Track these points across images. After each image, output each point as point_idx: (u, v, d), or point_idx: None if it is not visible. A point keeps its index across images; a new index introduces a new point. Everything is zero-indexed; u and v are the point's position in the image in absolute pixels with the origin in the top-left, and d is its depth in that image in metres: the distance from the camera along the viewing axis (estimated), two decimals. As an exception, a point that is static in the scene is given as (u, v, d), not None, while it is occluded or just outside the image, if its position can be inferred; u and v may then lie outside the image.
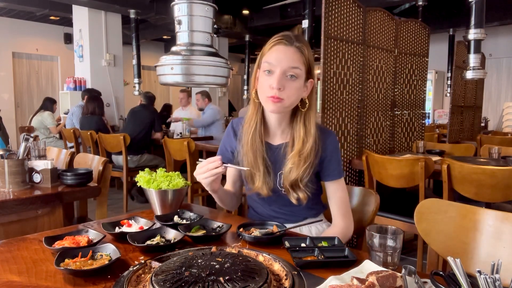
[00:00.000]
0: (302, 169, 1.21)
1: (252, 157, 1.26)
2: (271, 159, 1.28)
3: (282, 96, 1.16)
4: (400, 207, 2.43)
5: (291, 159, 1.23)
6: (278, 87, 1.15)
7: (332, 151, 1.29)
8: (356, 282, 0.79)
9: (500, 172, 2.02)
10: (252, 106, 1.29)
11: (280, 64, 1.16)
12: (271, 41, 1.20)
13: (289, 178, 1.23)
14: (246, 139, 1.28)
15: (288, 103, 1.19)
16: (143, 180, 1.33)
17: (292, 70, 1.16)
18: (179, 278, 0.80)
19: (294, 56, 1.17)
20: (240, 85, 11.66)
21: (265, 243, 1.08)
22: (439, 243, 1.21)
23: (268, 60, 1.18)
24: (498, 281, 0.70)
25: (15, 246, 1.06)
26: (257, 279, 0.80)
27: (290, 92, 1.17)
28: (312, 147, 1.22)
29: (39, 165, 1.82)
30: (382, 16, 3.02)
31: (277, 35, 1.21)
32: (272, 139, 1.32)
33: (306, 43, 1.21)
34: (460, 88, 4.15)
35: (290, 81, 1.17)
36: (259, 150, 1.26)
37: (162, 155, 4.26)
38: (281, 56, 1.17)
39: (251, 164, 1.26)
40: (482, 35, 2.96)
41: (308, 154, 1.22)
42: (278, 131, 1.30)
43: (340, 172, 1.31)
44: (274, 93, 1.16)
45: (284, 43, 1.18)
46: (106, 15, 6.07)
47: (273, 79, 1.16)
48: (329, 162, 1.28)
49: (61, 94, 6.44)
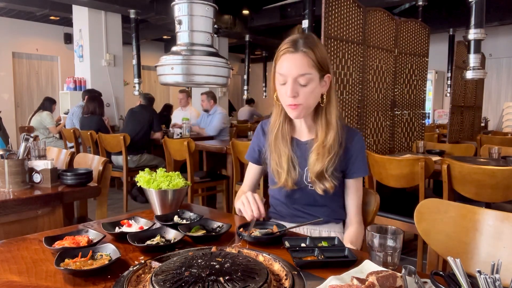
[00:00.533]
0: (326, 160, 1.26)
1: (276, 156, 1.33)
2: (298, 155, 1.33)
3: (298, 102, 1.22)
4: (400, 207, 2.43)
5: (315, 151, 1.28)
6: (292, 95, 1.20)
7: (358, 150, 1.34)
8: (356, 282, 0.79)
9: (500, 172, 2.02)
10: (275, 108, 1.34)
11: (290, 73, 1.20)
12: (280, 49, 1.23)
13: (315, 170, 1.27)
14: (271, 139, 1.35)
15: (306, 107, 1.24)
16: (143, 180, 1.33)
17: (303, 77, 1.20)
18: (179, 278, 0.80)
19: (302, 62, 1.20)
20: (240, 85, 11.66)
21: (265, 243, 1.08)
22: (439, 243, 1.21)
23: (279, 71, 1.23)
24: (498, 281, 0.70)
25: (15, 246, 1.06)
26: (257, 279, 0.80)
27: (305, 97, 1.22)
28: (334, 138, 1.27)
29: (39, 165, 1.82)
30: (382, 16, 3.02)
31: (285, 42, 1.24)
32: (300, 135, 1.37)
33: (313, 43, 1.22)
34: (460, 88, 4.15)
35: (303, 87, 1.21)
36: (283, 148, 1.32)
37: (162, 155, 4.25)
38: (290, 65, 1.20)
39: (275, 162, 1.33)
40: (482, 35, 2.96)
41: (331, 145, 1.26)
42: (305, 128, 1.35)
43: (366, 169, 1.36)
44: (290, 101, 1.22)
45: (290, 51, 1.21)
46: (106, 15, 6.06)
47: (286, 88, 1.21)
48: (356, 159, 1.33)
49: (61, 94, 6.44)
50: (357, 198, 1.37)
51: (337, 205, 1.39)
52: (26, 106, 8.12)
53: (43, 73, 8.42)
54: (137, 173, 1.39)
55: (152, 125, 4.56)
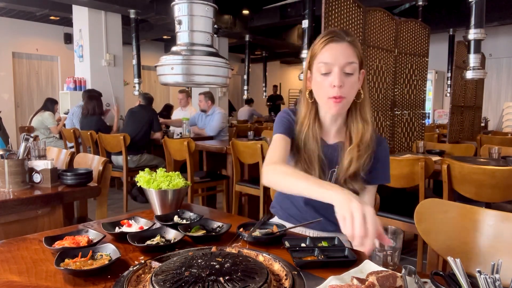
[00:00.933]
0: (362, 160, 1.23)
1: (307, 157, 1.26)
2: (326, 157, 1.28)
3: (343, 94, 1.17)
4: (400, 207, 2.43)
5: (350, 153, 1.23)
6: (340, 84, 1.15)
7: (385, 156, 1.32)
8: (356, 282, 0.79)
9: (500, 172, 2.02)
10: (304, 107, 1.28)
11: (337, 61, 1.16)
12: (322, 41, 1.19)
13: (349, 172, 1.23)
14: (300, 140, 1.28)
15: (348, 100, 1.21)
16: (143, 180, 1.33)
17: (349, 66, 1.16)
18: (179, 278, 0.80)
19: (349, 51, 1.17)
20: (240, 85, 11.66)
21: (265, 243, 1.08)
22: (439, 243, 1.21)
23: (323, 60, 1.18)
24: (498, 281, 0.70)
25: (15, 246, 1.06)
26: (257, 279, 0.80)
27: (349, 88, 1.18)
28: (371, 136, 1.24)
29: (39, 165, 1.82)
30: (382, 16, 3.02)
31: (325, 34, 1.20)
32: (327, 137, 1.31)
33: (354, 37, 1.21)
34: (460, 88, 4.15)
35: (348, 77, 1.17)
36: (313, 150, 1.25)
37: (162, 155, 4.25)
38: (337, 53, 1.17)
39: (306, 163, 1.26)
40: (482, 35, 2.96)
41: (368, 144, 1.23)
42: (333, 129, 1.30)
43: (388, 177, 1.34)
44: (336, 92, 1.16)
45: (336, 39, 1.18)
46: (106, 15, 6.06)
47: (332, 77, 1.16)
48: (382, 166, 1.30)
49: (61, 94, 6.43)
50: (372, 203, 1.35)
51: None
52: (26, 106, 8.12)
53: (43, 73, 8.41)
54: (137, 173, 1.39)
55: (152, 125, 4.56)
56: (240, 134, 5.54)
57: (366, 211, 0.86)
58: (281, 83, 12.95)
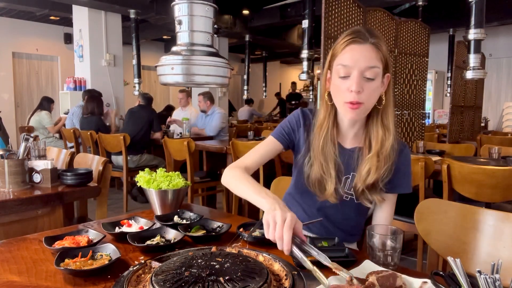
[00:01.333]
0: (383, 169, 1.14)
1: (324, 161, 1.19)
2: (344, 162, 1.21)
3: (361, 100, 1.08)
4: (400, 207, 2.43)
5: (369, 161, 1.15)
6: (358, 89, 1.07)
7: (406, 164, 1.23)
8: (356, 282, 0.79)
9: (500, 172, 2.02)
10: (323, 109, 1.21)
11: (358, 64, 1.07)
12: (343, 41, 1.11)
13: (367, 181, 1.15)
14: (317, 143, 1.20)
15: (367, 106, 1.12)
16: (143, 180, 1.33)
17: (370, 70, 1.07)
18: (179, 278, 0.80)
19: (371, 54, 1.08)
20: (240, 85, 11.66)
21: (265, 243, 1.08)
22: (439, 243, 1.21)
23: (342, 62, 1.10)
24: (498, 281, 0.70)
25: (15, 246, 1.06)
26: (257, 279, 0.80)
27: (369, 94, 1.09)
28: (392, 144, 1.15)
29: (39, 165, 1.82)
30: (382, 16, 3.02)
31: (348, 33, 1.12)
32: (344, 141, 1.24)
33: (381, 37, 1.12)
34: (460, 88, 4.15)
35: (368, 82, 1.08)
36: (331, 154, 1.19)
37: (162, 155, 4.25)
38: (357, 56, 1.08)
39: (321, 169, 1.19)
40: (482, 35, 2.96)
41: (388, 154, 1.15)
42: (351, 133, 1.23)
43: (410, 186, 1.25)
44: (353, 97, 1.08)
45: (358, 41, 1.09)
46: (106, 15, 6.06)
47: (351, 81, 1.08)
48: (404, 175, 1.22)
49: (61, 94, 6.43)
50: (391, 213, 1.26)
51: (361, 221, 1.32)
52: (26, 106, 8.12)
53: (43, 73, 8.42)
54: (137, 173, 1.39)
55: (152, 125, 4.56)
56: (240, 134, 5.54)
57: (287, 217, 0.90)
58: (281, 83, 12.95)
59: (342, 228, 1.29)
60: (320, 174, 1.20)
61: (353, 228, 1.32)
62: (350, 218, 1.27)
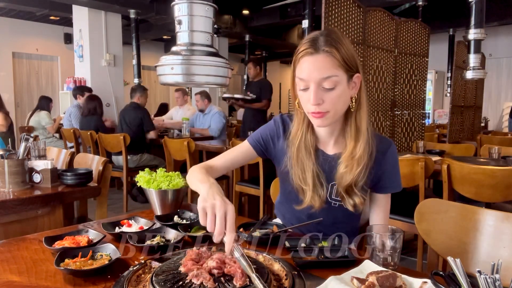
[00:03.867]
0: (356, 172, 1.11)
1: (299, 171, 1.17)
2: (324, 168, 1.18)
3: (324, 110, 1.06)
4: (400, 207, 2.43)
5: (344, 162, 1.13)
6: (316, 102, 1.04)
7: (393, 163, 1.21)
8: (356, 282, 0.79)
9: (500, 172, 2.02)
10: (297, 116, 1.18)
11: (312, 78, 1.04)
12: (299, 51, 1.08)
13: (343, 183, 1.14)
14: (292, 151, 1.18)
15: (333, 113, 1.08)
16: (143, 180, 1.33)
17: (328, 81, 1.03)
18: (179, 278, 0.80)
19: (325, 65, 1.03)
20: (240, 85, 11.66)
21: (265, 243, 1.08)
22: (439, 243, 1.21)
23: (299, 75, 1.07)
24: (498, 281, 0.70)
25: (15, 246, 1.06)
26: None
27: (331, 103, 1.06)
28: (364, 148, 1.12)
29: (39, 165, 1.82)
30: (382, 16, 3.02)
31: (304, 42, 1.07)
32: (326, 147, 1.21)
33: (336, 40, 1.05)
34: (460, 88, 4.15)
35: (328, 92, 1.05)
36: (306, 162, 1.16)
37: (162, 155, 4.25)
38: (311, 68, 1.04)
39: (298, 177, 1.17)
40: (482, 35, 2.96)
41: (361, 156, 1.11)
42: (332, 139, 1.20)
43: (400, 184, 1.24)
44: (314, 109, 1.06)
45: (310, 52, 1.04)
46: (106, 15, 6.06)
47: (308, 94, 1.05)
48: (390, 174, 1.21)
49: (61, 94, 6.44)
50: (386, 212, 1.24)
51: (356, 223, 1.32)
52: (26, 106, 8.12)
53: (43, 73, 8.42)
54: (137, 173, 1.39)
55: (143, 126, 4.46)
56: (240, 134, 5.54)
57: (228, 208, 0.87)
58: (281, 83, 12.95)
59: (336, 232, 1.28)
60: (297, 183, 1.18)
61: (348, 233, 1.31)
62: (342, 224, 1.26)
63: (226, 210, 0.87)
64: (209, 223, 0.86)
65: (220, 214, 0.86)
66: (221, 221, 0.85)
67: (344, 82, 1.06)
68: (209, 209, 0.87)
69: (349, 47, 1.07)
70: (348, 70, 1.06)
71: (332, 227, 1.24)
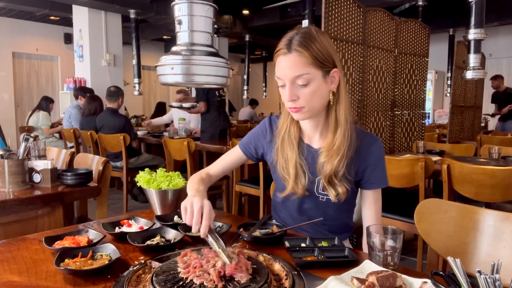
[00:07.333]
0: (335, 162, 1.15)
1: (283, 161, 1.23)
2: (308, 162, 1.22)
3: (299, 105, 1.12)
4: (400, 207, 2.43)
5: (324, 152, 1.18)
6: (291, 99, 1.11)
7: (377, 158, 1.23)
8: (356, 282, 0.79)
9: (500, 172, 2.02)
10: (283, 111, 1.25)
11: (286, 76, 1.11)
12: (276, 51, 1.15)
13: (324, 173, 1.18)
14: (278, 142, 1.25)
15: (310, 108, 1.14)
16: (143, 180, 1.33)
17: (300, 78, 1.09)
18: (179, 278, 0.80)
19: (296, 64, 1.09)
20: (240, 85, 11.66)
21: (265, 243, 1.08)
22: (439, 243, 1.21)
23: (276, 74, 1.14)
24: (498, 281, 0.70)
25: (15, 246, 1.06)
26: (257, 279, 0.80)
27: (306, 99, 1.11)
28: (342, 138, 1.16)
29: (39, 165, 1.82)
30: (382, 16, 3.02)
31: (281, 41, 1.15)
32: (312, 142, 1.26)
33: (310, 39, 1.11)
34: (460, 88, 4.15)
35: (303, 88, 1.10)
36: (289, 153, 1.22)
37: (162, 155, 4.25)
38: (284, 68, 1.11)
39: (282, 167, 1.23)
40: (482, 35, 2.96)
41: (339, 146, 1.16)
42: (316, 133, 1.24)
43: (385, 180, 1.25)
44: (290, 104, 1.13)
45: (283, 52, 1.12)
46: (106, 15, 6.06)
47: (284, 91, 1.13)
48: (374, 169, 1.22)
49: (61, 94, 6.43)
50: (376, 210, 1.25)
51: (347, 219, 1.33)
52: (26, 106, 8.12)
53: (43, 73, 8.42)
54: (137, 173, 1.39)
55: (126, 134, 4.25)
56: (240, 134, 5.54)
57: (204, 203, 1.00)
58: (281, 83, 12.95)
59: (327, 228, 1.30)
60: (281, 172, 1.24)
61: (340, 227, 1.33)
62: (333, 218, 1.28)
63: (203, 204, 1.00)
64: (188, 217, 0.98)
65: (196, 208, 0.99)
66: (198, 214, 0.98)
67: (319, 78, 1.11)
68: (188, 206, 1.00)
69: (325, 44, 1.12)
70: (322, 67, 1.11)
71: (323, 224, 1.27)
